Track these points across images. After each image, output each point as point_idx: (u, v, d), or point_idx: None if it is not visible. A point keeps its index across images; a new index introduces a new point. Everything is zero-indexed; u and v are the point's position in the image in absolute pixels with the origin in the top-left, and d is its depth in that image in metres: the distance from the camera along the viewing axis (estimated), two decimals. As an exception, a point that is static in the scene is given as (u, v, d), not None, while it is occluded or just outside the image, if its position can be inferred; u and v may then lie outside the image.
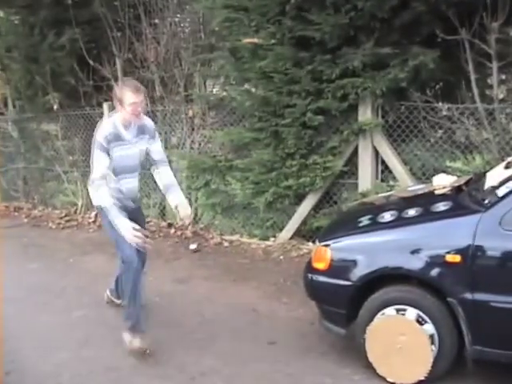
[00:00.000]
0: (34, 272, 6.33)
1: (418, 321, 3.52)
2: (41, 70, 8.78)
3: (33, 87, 9.24)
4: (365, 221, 4.11)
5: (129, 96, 4.18)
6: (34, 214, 9.52)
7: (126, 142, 4.36)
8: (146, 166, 4.98)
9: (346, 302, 3.79)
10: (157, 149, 4.62)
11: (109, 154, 4.25)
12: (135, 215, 4.50)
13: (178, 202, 4.54)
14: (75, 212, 9.07)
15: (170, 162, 7.68)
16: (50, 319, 5.01)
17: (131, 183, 4.54)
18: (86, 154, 8.59)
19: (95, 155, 4.29)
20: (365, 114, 5.95)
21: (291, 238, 6.68)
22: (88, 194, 5.12)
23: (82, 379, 3.93)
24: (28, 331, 4.76)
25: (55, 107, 9.12)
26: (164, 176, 4.63)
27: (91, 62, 8.47)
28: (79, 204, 9.01)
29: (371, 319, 3.64)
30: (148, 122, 4.61)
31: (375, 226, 3.96)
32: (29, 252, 7.31)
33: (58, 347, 4.42)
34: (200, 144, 7.71)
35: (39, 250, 7.30)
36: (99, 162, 4.27)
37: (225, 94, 7.31)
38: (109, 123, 4.36)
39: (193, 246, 7.00)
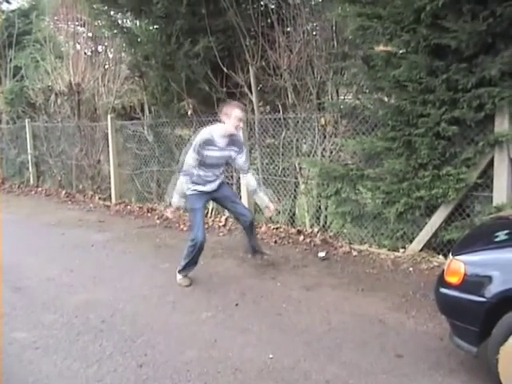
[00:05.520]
0: (166, 271, 6.69)
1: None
2: (176, 77, 9.22)
3: (168, 93, 9.73)
4: (501, 236, 3.96)
5: (236, 112, 5.94)
6: (166, 216, 10.00)
7: (216, 148, 5.99)
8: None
9: (479, 319, 3.65)
10: (242, 160, 6.28)
11: (198, 154, 5.90)
12: (217, 191, 6.33)
13: (264, 203, 6.46)
14: (206, 215, 9.41)
15: (300, 169, 8.01)
16: (179, 318, 5.29)
17: (210, 173, 6.14)
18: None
19: (189, 153, 5.96)
20: (502, 125, 5.86)
21: (421, 250, 6.66)
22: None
23: (209, 378, 4.09)
24: (159, 328, 5.05)
25: (189, 113, 9.49)
26: (248, 182, 6.42)
27: (225, 70, 8.86)
28: (209, 208, 9.39)
29: (505, 339, 3.50)
30: (239, 137, 6.27)
31: (513, 241, 3.86)
32: (161, 252, 7.77)
33: (188, 345, 4.65)
34: (331, 152, 7.80)
35: (171, 251, 7.69)
36: (190, 161, 5.96)
37: (357, 102, 7.36)
38: (207, 131, 6.01)
39: (321, 254, 7.12)
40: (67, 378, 4.17)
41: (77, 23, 13.88)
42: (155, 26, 9.51)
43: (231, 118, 5.92)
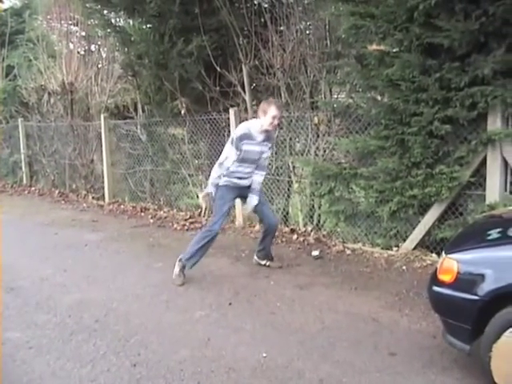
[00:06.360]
0: (159, 271, 6.68)
1: (549, 342, 3.33)
2: (169, 76, 9.21)
3: (161, 93, 9.74)
4: (494, 234, 3.98)
5: (273, 109, 5.94)
6: (159, 215, 10.10)
7: (254, 142, 6.05)
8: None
9: (471, 317, 3.63)
10: (265, 156, 6.29)
11: (237, 148, 5.96)
12: (248, 189, 6.31)
13: (248, 205, 6.41)
14: (199, 214, 9.53)
15: (293, 167, 8.03)
16: (173, 317, 5.26)
17: (247, 169, 6.19)
18: (211, 157, 8.98)
19: (228, 148, 6.07)
20: (494, 124, 5.88)
21: (414, 249, 6.67)
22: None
23: (203, 377, 4.06)
24: (153, 327, 5.01)
25: (182, 112, 9.49)
26: (255, 181, 6.33)
27: (218, 69, 8.87)
28: (203, 207, 9.38)
29: (498, 337, 3.48)
30: (274, 135, 6.35)
31: (505, 239, 3.84)
32: (154, 251, 7.75)
33: (181, 345, 4.61)
34: (325, 151, 7.81)
35: (164, 250, 7.70)
36: (228, 154, 6.05)
37: (350, 101, 7.35)
38: (245, 126, 6.11)
39: (315, 253, 7.11)
40: (60, 377, 4.15)
41: (70, 22, 13.87)
42: (148, 25, 9.51)
43: (267, 115, 5.96)
